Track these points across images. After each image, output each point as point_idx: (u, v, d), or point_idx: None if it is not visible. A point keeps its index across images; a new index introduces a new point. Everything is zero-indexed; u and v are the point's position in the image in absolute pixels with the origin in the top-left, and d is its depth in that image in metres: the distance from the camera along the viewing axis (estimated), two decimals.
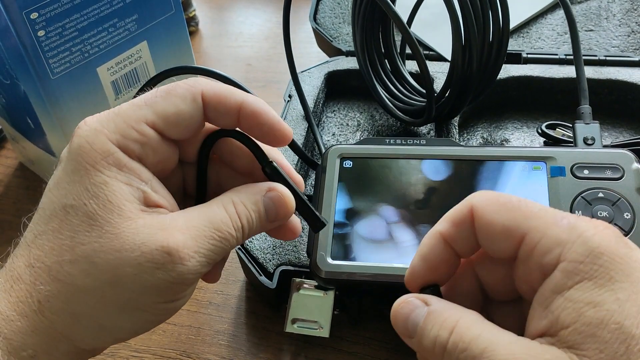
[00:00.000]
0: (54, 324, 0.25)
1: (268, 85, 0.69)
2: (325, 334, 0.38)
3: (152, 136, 0.27)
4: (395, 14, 0.42)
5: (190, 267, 0.25)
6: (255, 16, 0.82)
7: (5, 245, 0.55)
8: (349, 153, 0.41)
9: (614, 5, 0.60)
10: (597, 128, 0.43)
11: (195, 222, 0.26)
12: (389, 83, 0.52)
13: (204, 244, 0.26)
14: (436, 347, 0.23)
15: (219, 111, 0.28)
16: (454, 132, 0.50)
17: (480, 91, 0.48)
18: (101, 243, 0.25)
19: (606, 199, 0.36)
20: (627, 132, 0.52)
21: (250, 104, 0.28)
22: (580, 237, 0.22)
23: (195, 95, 0.27)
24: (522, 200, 0.24)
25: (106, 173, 0.25)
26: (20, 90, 0.46)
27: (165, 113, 0.27)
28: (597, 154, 0.38)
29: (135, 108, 0.27)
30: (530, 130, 0.53)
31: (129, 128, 0.26)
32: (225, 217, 0.27)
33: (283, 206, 0.29)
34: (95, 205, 0.25)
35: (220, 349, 0.42)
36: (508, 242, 0.24)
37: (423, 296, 0.25)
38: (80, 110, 0.47)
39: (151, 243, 0.25)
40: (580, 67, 0.45)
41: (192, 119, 0.27)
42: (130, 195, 0.26)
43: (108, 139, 0.26)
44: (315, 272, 0.37)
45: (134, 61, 0.49)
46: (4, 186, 0.58)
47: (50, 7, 0.41)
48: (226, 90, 0.28)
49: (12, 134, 0.55)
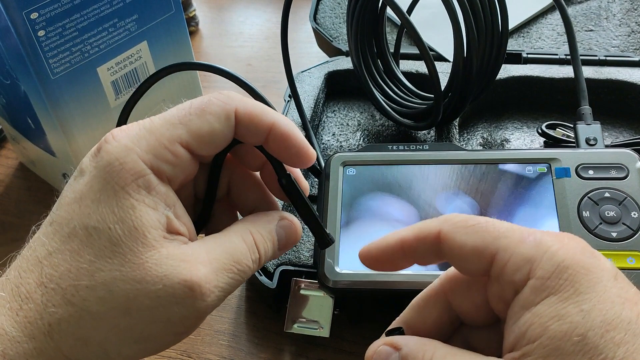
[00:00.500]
0: (60, 347, 0.24)
1: (268, 85, 0.69)
2: (325, 334, 0.38)
3: (184, 158, 0.26)
4: (407, 19, 0.42)
5: (209, 303, 0.25)
6: (255, 16, 0.82)
7: (6, 245, 0.55)
8: (352, 160, 0.41)
9: (614, 5, 0.60)
10: (598, 128, 0.43)
11: (217, 255, 0.26)
12: (386, 87, 0.52)
13: (224, 277, 0.26)
14: None
15: (250, 130, 0.27)
16: (454, 133, 0.50)
17: (479, 92, 0.48)
18: (122, 272, 0.24)
19: (613, 198, 0.36)
20: (627, 132, 0.52)
21: (281, 125, 0.27)
22: (546, 253, 0.22)
23: (229, 113, 0.26)
24: (489, 221, 0.24)
25: (135, 196, 0.24)
26: (21, 90, 0.46)
27: (199, 133, 0.26)
28: (601, 154, 0.38)
29: (169, 126, 0.26)
30: (530, 130, 0.53)
31: (162, 148, 0.25)
32: (245, 249, 0.27)
33: (293, 234, 0.29)
34: (120, 231, 0.24)
35: (221, 349, 0.42)
36: (480, 262, 0.24)
37: (391, 340, 0.25)
38: (80, 110, 0.47)
39: (174, 276, 0.24)
40: (578, 68, 0.45)
41: (225, 137, 0.27)
42: (156, 222, 0.25)
43: (140, 159, 0.25)
44: (324, 281, 0.37)
45: (134, 61, 0.49)
46: (4, 186, 0.58)
47: (50, 7, 0.41)
48: (259, 109, 0.27)
49: (13, 134, 0.55)
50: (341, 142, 0.53)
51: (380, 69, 0.53)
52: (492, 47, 0.44)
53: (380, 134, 0.54)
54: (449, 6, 0.41)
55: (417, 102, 0.51)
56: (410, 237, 0.26)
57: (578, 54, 0.46)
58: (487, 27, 0.43)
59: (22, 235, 0.56)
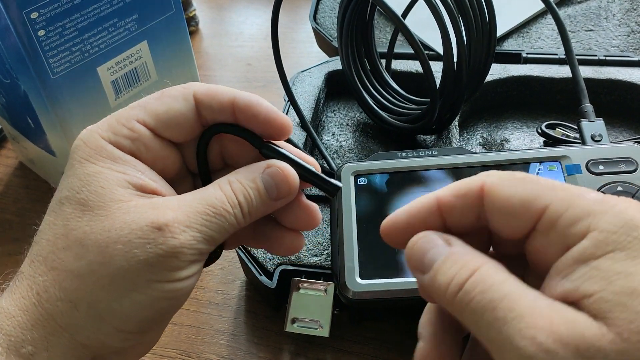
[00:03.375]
0: (52, 315, 0.25)
1: (268, 85, 0.69)
2: (325, 334, 0.38)
3: (142, 132, 0.27)
4: (396, 15, 0.42)
5: (182, 241, 0.25)
6: (255, 16, 0.82)
7: (7, 244, 0.55)
8: (362, 170, 0.41)
9: (613, 5, 0.60)
10: (602, 125, 0.43)
11: (188, 201, 0.26)
12: (379, 95, 0.52)
13: (196, 219, 0.25)
14: (451, 285, 0.21)
15: (213, 108, 0.28)
16: (454, 133, 0.50)
17: (471, 93, 0.48)
18: (92, 226, 0.25)
19: (626, 191, 0.36)
20: (627, 132, 0.52)
21: (242, 97, 0.28)
22: (612, 209, 0.21)
23: (186, 94, 0.28)
24: (540, 177, 0.23)
25: (99, 164, 0.26)
26: (21, 90, 0.46)
27: (156, 112, 0.27)
28: (609, 149, 0.38)
29: (128, 109, 0.28)
30: (530, 130, 0.53)
31: (119, 125, 0.27)
32: (220, 194, 0.26)
33: (284, 181, 0.27)
34: (87, 192, 0.25)
35: (220, 349, 0.42)
36: (527, 215, 0.22)
37: (446, 236, 0.23)
38: (80, 110, 0.47)
39: (141, 220, 0.25)
40: (575, 68, 0.46)
41: (184, 116, 0.28)
42: (125, 182, 0.26)
43: (100, 136, 0.27)
44: (344, 292, 0.36)
45: (134, 61, 0.49)
46: (4, 185, 0.58)
47: (50, 7, 0.41)
48: (218, 87, 0.28)
49: (13, 133, 0.55)
50: (341, 142, 0.53)
51: (372, 79, 0.53)
52: (482, 46, 0.44)
53: (381, 134, 0.54)
54: (434, 8, 0.41)
55: (412, 107, 0.51)
56: (448, 195, 0.24)
57: (573, 53, 0.46)
58: (477, 27, 0.43)
59: (22, 234, 0.56)
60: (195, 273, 0.26)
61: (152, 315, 0.26)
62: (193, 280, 0.27)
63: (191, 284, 0.27)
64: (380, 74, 0.53)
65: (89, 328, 0.25)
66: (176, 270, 0.25)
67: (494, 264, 0.22)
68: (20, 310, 0.25)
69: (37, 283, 0.25)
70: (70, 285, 0.25)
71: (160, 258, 0.25)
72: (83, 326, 0.25)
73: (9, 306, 0.25)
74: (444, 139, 0.50)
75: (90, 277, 0.24)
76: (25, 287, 0.25)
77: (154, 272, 0.25)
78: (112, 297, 0.25)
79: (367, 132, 0.54)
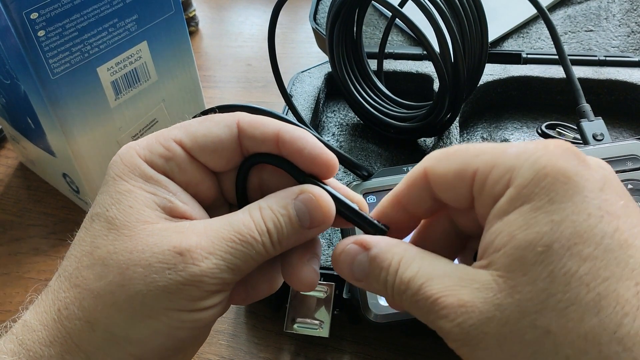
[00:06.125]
0: (70, 334, 0.24)
1: (268, 85, 0.69)
2: (325, 334, 0.38)
3: (177, 152, 0.26)
4: (404, 15, 0.42)
5: (204, 269, 0.23)
6: (255, 16, 0.82)
7: (6, 244, 0.55)
8: (370, 188, 0.41)
9: (613, 5, 0.60)
10: (602, 124, 0.43)
11: (215, 226, 0.25)
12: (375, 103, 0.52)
13: (221, 246, 0.24)
14: (388, 290, 0.24)
15: (255, 138, 0.27)
16: (455, 133, 0.50)
17: (467, 94, 0.48)
18: (116, 245, 0.24)
19: (636, 189, 0.36)
20: (627, 132, 0.52)
21: (288, 129, 0.26)
22: (527, 160, 0.21)
23: (230, 121, 0.27)
24: (470, 144, 0.24)
25: (131, 183, 0.25)
26: (21, 90, 0.46)
27: (195, 133, 0.26)
28: (613, 148, 0.38)
29: (170, 128, 0.27)
30: (530, 130, 0.53)
31: (157, 144, 0.26)
32: (248, 220, 0.25)
33: (317, 208, 0.26)
34: (115, 210, 0.25)
35: (220, 349, 0.42)
36: (462, 185, 0.23)
37: (361, 239, 0.25)
38: (80, 110, 0.47)
39: (163, 244, 0.24)
40: (568, 69, 0.46)
41: (222, 142, 0.26)
42: (154, 203, 0.25)
43: (137, 153, 0.26)
44: (367, 315, 0.35)
45: (134, 61, 0.49)
46: (4, 186, 0.58)
47: (50, 7, 0.41)
48: (263, 119, 0.27)
49: (12, 134, 0.55)
50: (341, 142, 0.53)
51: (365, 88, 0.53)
52: (476, 44, 0.44)
53: (381, 134, 0.54)
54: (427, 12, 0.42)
55: (405, 112, 0.51)
56: (403, 188, 0.26)
57: (566, 53, 0.46)
58: (469, 23, 0.43)
59: (22, 235, 0.56)
60: (218, 303, 0.25)
61: (171, 344, 0.25)
62: (216, 311, 0.25)
63: (213, 315, 0.25)
64: (375, 85, 0.53)
65: (105, 351, 0.24)
66: (196, 300, 0.24)
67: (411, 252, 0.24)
68: (41, 325, 0.24)
69: (59, 299, 0.24)
70: (89, 305, 0.24)
71: (179, 286, 0.23)
72: (99, 348, 0.24)
73: (32, 320, 0.25)
74: (445, 139, 0.50)
75: (108, 298, 0.24)
76: (50, 302, 0.25)
77: (172, 300, 0.23)
78: (128, 321, 0.24)
79: (367, 133, 0.54)
